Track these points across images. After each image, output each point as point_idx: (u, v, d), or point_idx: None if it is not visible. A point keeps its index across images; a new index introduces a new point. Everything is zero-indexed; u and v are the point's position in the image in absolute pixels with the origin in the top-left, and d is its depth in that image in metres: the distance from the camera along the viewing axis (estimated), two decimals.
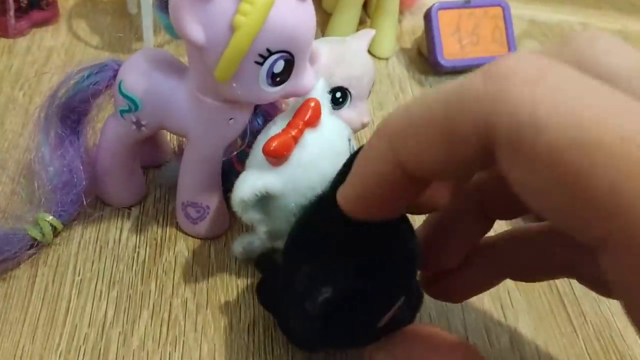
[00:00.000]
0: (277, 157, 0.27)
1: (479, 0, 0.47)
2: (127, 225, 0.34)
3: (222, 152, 0.31)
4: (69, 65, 0.32)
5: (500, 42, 0.46)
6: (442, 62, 0.45)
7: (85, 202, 0.32)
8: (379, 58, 0.49)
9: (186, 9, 0.24)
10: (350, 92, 0.34)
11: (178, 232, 0.34)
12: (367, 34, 0.37)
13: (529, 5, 0.61)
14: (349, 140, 0.30)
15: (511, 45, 0.47)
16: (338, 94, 0.34)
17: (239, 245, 0.32)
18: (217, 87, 0.27)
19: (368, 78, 0.35)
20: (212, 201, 0.33)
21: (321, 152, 0.28)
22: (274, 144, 0.27)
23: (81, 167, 0.32)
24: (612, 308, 0.34)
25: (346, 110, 0.35)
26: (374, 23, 0.49)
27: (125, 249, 0.33)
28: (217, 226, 0.34)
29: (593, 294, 0.33)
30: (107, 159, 0.33)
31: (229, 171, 0.32)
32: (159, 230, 0.34)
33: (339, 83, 0.33)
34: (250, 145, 0.30)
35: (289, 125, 0.28)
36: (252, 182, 0.27)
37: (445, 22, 0.46)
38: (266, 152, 0.27)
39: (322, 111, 0.29)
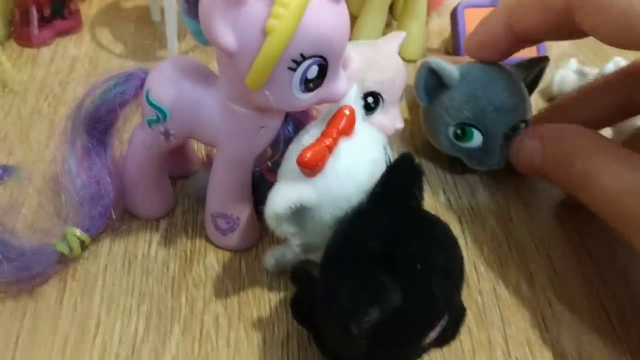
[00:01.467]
0: (311, 168, 0.26)
1: None
2: (156, 237, 0.33)
3: (253, 162, 0.30)
4: (93, 75, 0.31)
5: None
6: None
7: (113, 215, 0.31)
8: (407, 60, 0.48)
9: (218, 14, 0.23)
10: (382, 97, 0.33)
11: (208, 244, 0.33)
12: (398, 36, 0.36)
13: None
14: (385, 148, 0.29)
15: (540, 46, 0.45)
16: (370, 99, 0.33)
17: (271, 258, 0.31)
18: (248, 95, 0.26)
19: (400, 81, 0.34)
20: (243, 212, 0.32)
21: (356, 161, 0.27)
22: (308, 155, 0.26)
23: (109, 179, 0.31)
24: None
25: (378, 116, 0.34)
26: (401, 25, 0.47)
27: (155, 262, 0.32)
28: (248, 238, 0.33)
29: (637, 301, 0.32)
30: (134, 170, 0.32)
31: (260, 181, 0.31)
32: (189, 243, 0.33)
33: (372, 88, 0.32)
34: (282, 154, 0.29)
35: (323, 134, 0.27)
36: (286, 195, 0.26)
37: (471, 20, 0.44)
38: (300, 163, 0.26)
39: (357, 118, 0.28)
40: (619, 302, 0.33)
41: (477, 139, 0.35)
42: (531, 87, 0.38)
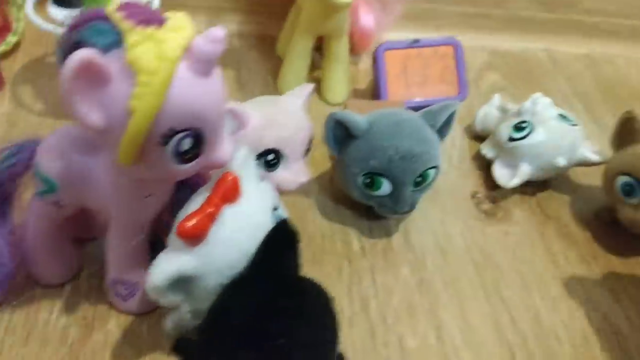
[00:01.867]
0: (191, 238, 0.26)
1: (428, 39, 0.46)
2: (59, 304, 0.33)
3: (147, 227, 0.30)
4: (9, 135, 0.30)
5: (450, 82, 0.46)
6: None
7: (14, 282, 0.31)
8: (332, 104, 0.48)
9: (80, 94, 0.23)
10: (283, 153, 0.33)
11: (111, 309, 0.33)
12: (304, 89, 0.36)
13: (490, 35, 0.60)
14: (275, 209, 0.29)
15: (462, 85, 0.46)
16: (270, 157, 0.33)
17: (169, 322, 0.31)
18: (125, 168, 0.26)
19: (302, 136, 0.34)
20: (141, 277, 0.31)
21: (240, 228, 0.27)
22: (187, 225, 0.26)
23: (7, 249, 0.31)
24: None
25: (281, 172, 0.34)
26: (325, 69, 0.48)
27: (55, 329, 0.32)
28: (149, 302, 0.32)
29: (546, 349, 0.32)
30: (33, 237, 0.32)
31: (158, 244, 0.31)
32: (91, 308, 0.33)
33: (270, 145, 0.33)
34: None
35: (205, 202, 0.27)
36: (165, 267, 0.26)
37: (392, 62, 0.45)
38: (180, 233, 0.26)
39: (245, 182, 0.28)
40: (529, 347, 0.34)
41: (385, 187, 0.36)
42: (442, 132, 0.38)
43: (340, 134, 0.36)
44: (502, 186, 0.41)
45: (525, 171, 0.41)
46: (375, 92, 0.46)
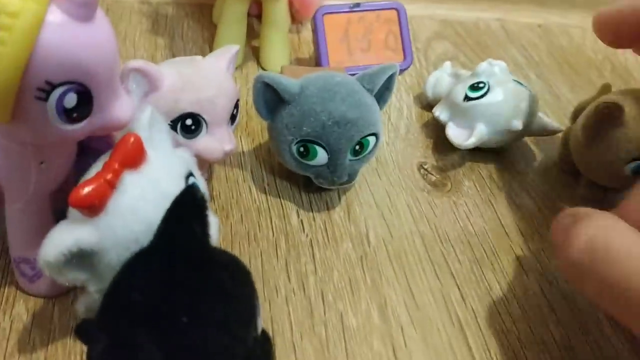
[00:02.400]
0: (87, 207, 0.23)
1: (370, 3, 0.44)
2: None
3: (49, 199, 0.27)
4: None
5: (395, 49, 0.43)
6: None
7: None
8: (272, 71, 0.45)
9: None
10: (203, 118, 0.30)
11: (18, 291, 0.30)
12: (228, 50, 0.33)
13: (440, 4, 0.58)
14: (187, 177, 0.26)
15: (407, 52, 0.43)
16: (189, 121, 0.30)
17: (81, 305, 0.28)
18: (6, 129, 0.23)
19: (224, 100, 0.31)
20: None
21: (144, 196, 0.23)
22: (82, 193, 0.22)
23: None
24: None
25: (203, 139, 0.31)
26: (263, 36, 0.45)
27: None
28: (59, 283, 0.29)
29: (496, 323, 0.30)
30: None
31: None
32: None
33: (187, 109, 0.29)
34: None
35: (103, 167, 0.23)
36: (58, 241, 0.23)
37: (332, 27, 0.42)
38: (73, 202, 0.22)
39: (152, 146, 0.25)
40: (481, 325, 0.31)
41: (321, 156, 0.33)
42: (382, 98, 0.35)
43: (271, 99, 0.33)
44: (457, 146, 0.39)
45: (481, 131, 0.38)
46: (316, 59, 0.43)
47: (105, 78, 0.22)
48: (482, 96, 0.38)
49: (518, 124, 0.38)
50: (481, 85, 0.39)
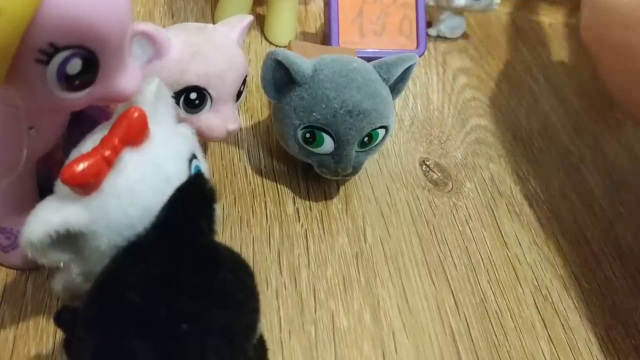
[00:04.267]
0: (81, 185, 0.20)
1: None
2: None
3: (33, 168, 0.25)
4: None
5: (409, 35, 0.41)
6: None
7: None
8: (277, 46, 0.42)
9: None
10: (209, 93, 0.28)
11: None
12: (241, 20, 0.31)
13: None
14: (191, 160, 0.23)
15: (421, 40, 0.41)
16: (193, 95, 0.27)
17: (58, 283, 0.26)
18: None
19: (233, 75, 0.28)
20: None
21: (144, 178, 0.21)
22: (76, 169, 0.20)
23: None
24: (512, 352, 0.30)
25: (206, 115, 0.28)
26: (270, 5, 0.42)
27: None
28: None
29: (488, 333, 0.29)
30: None
31: (48, 186, 0.26)
32: None
33: (194, 82, 0.27)
34: None
35: (101, 142, 0.21)
36: (45, 219, 0.20)
37: (346, 4, 0.40)
38: (65, 178, 0.20)
39: (155, 123, 0.23)
40: (473, 336, 0.30)
41: (328, 144, 0.31)
42: (396, 89, 0.33)
43: (281, 79, 0.31)
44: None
45: None
46: (325, 37, 0.40)
47: (115, 45, 0.20)
48: None
49: None
50: None
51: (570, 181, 0.41)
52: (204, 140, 0.30)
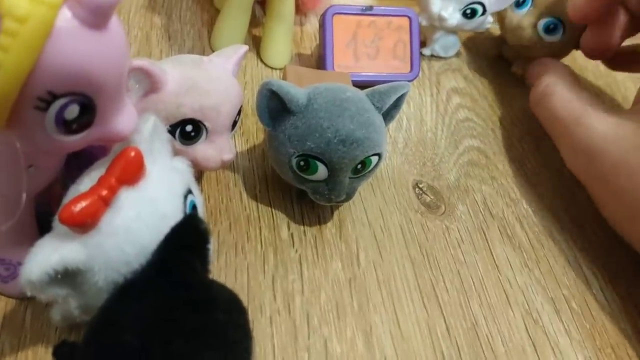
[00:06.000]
0: (79, 225, 0.21)
1: (383, 8, 0.42)
2: None
3: (32, 201, 0.25)
4: None
5: (402, 59, 0.41)
6: None
7: None
8: (273, 68, 0.43)
9: None
10: (205, 125, 0.28)
11: None
12: (237, 50, 0.31)
13: None
14: (186, 196, 0.24)
15: (414, 63, 0.42)
16: (189, 127, 0.28)
17: (57, 313, 0.26)
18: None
19: (229, 107, 0.29)
20: (24, 257, 0.26)
21: (140, 216, 0.22)
22: (74, 210, 0.21)
23: None
24: None
25: (202, 146, 0.29)
26: (266, 28, 0.43)
27: None
28: None
29: None
30: None
31: (46, 219, 0.26)
32: None
33: (189, 115, 0.28)
34: None
35: (98, 182, 0.22)
36: (44, 258, 0.21)
37: (341, 29, 0.40)
38: (63, 219, 0.21)
39: (151, 160, 0.23)
40: (464, 358, 0.31)
41: (321, 172, 0.31)
42: (389, 116, 0.34)
43: (275, 107, 0.32)
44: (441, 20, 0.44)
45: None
46: (320, 60, 0.41)
47: (112, 90, 0.20)
48: None
49: None
50: None
51: (563, 202, 0.41)
52: (200, 170, 0.30)
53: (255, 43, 0.45)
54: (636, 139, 0.34)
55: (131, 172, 0.22)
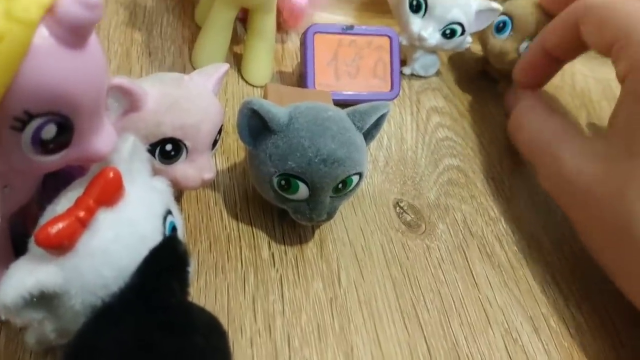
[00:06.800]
0: (56, 247, 0.21)
1: (363, 27, 0.42)
2: None
3: (7, 222, 0.25)
4: None
5: (382, 77, 0.42)
6: None
7: None
8: (253, 85, 0.43)
9: None
10: (185, 144, 0.28)
11: None
12: (218, 69, 0.31)
13: None
14: (165, 217, 0.24)
15: (395, 82, 0.42)
16: (169, 147, 0.28)
17: (31, 337, 0.26)
18: None
19: (209, 126, 0.29)
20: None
21: (118, 238, 0.22)
22: (51, 232, 0.20)
23: None
24: None
25: (182, 165, 0.29)
26: (247, 46, 0.43)
27: None
28: None
29: None
30: None
31: (22, 239, 0.26)
32: None
33: (169, 134, 0.27)
34: None
35: (76, 203, 0.21)
36: (17, 282, 0.20)
37: (322, 48, 0.40)
38: (40, 241, 0.20)
39: (130, 181, 0.23)
40: None
41: (302, 191, 0.31)
42: (370, 135, 0.34)
43: (256, 126, 0.31)
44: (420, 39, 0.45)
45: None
46: (301, 78, 0.41)
47: (90, 110, 0.20)
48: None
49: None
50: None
51: (540, 221, 0.42)
52: (180, 189, 0.30)
53: (237, 60, 0.45)
54: (603, 170, 0.34)
55: (109, 193, 0.22)
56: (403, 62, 0.49)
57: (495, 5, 0.45)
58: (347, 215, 0.37)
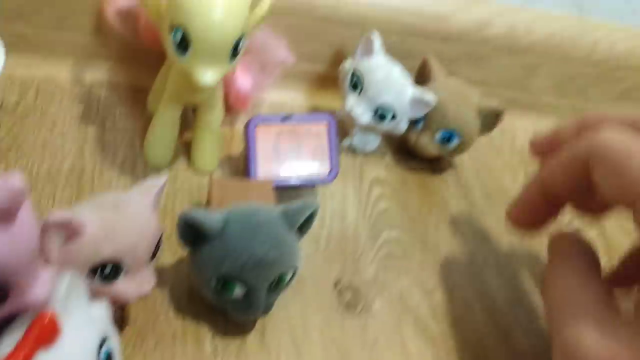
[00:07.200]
0: None
1: (301, 115, 0.45)
2: None
3: None
4: None
5: (322, 160, 0.45)
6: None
7: None
8: (201, 172, 0.46)
9: None
10: (123, 264, 0.31)
11: None
12: (155, 185, 0.34)
13: None
14: (101, 345, 0.26)
15: (333, 165, 0.45)
16: (107, 269, 0.30)
17: None
18: None
19: (146, 244, 0.32)
20: None
21: None
22: None
23: None
24: None
25: (121, 283, 0.31)
26: (195, 137, 0.45)
27: None
28: None
29: None
30: None
31: None
32: None
33: (107, 258, 0.30)
34: None
35: (16, 347, 0.24)
36: None
37: (263, 138, 0.43)
38: None
39: (67, 316, 0.26)
40: None
41: (238, 291, 0.34)
42: (302, 230, 0.37)
43: (193, 234, 0.34)
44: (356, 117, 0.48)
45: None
46: (245, 168, 0.44)
47: (22, 273, 0.23)
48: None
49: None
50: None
51: (473, 289, 0.45)
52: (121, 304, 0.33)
53: (187, 148, 0.47)
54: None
55: (46, 336, 0.24)
56: (346, 133, 0.52)
57: (429, 97, 0.48)
58: (288, 300, 0.40)
